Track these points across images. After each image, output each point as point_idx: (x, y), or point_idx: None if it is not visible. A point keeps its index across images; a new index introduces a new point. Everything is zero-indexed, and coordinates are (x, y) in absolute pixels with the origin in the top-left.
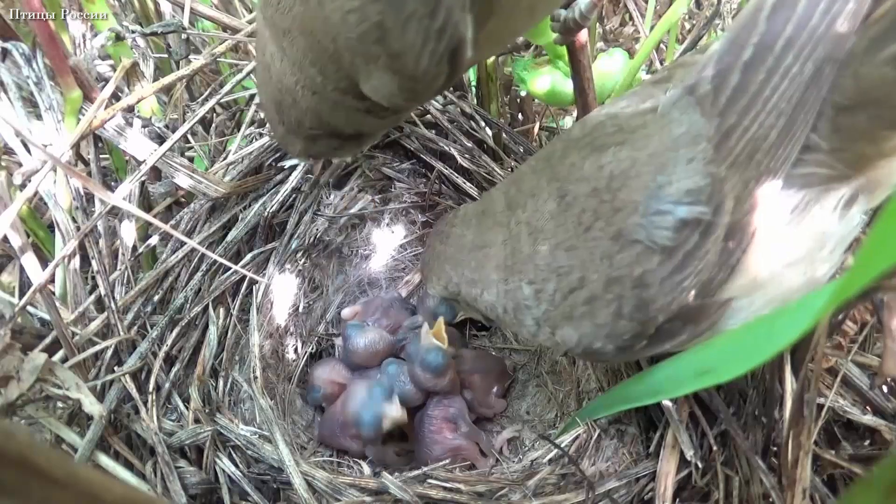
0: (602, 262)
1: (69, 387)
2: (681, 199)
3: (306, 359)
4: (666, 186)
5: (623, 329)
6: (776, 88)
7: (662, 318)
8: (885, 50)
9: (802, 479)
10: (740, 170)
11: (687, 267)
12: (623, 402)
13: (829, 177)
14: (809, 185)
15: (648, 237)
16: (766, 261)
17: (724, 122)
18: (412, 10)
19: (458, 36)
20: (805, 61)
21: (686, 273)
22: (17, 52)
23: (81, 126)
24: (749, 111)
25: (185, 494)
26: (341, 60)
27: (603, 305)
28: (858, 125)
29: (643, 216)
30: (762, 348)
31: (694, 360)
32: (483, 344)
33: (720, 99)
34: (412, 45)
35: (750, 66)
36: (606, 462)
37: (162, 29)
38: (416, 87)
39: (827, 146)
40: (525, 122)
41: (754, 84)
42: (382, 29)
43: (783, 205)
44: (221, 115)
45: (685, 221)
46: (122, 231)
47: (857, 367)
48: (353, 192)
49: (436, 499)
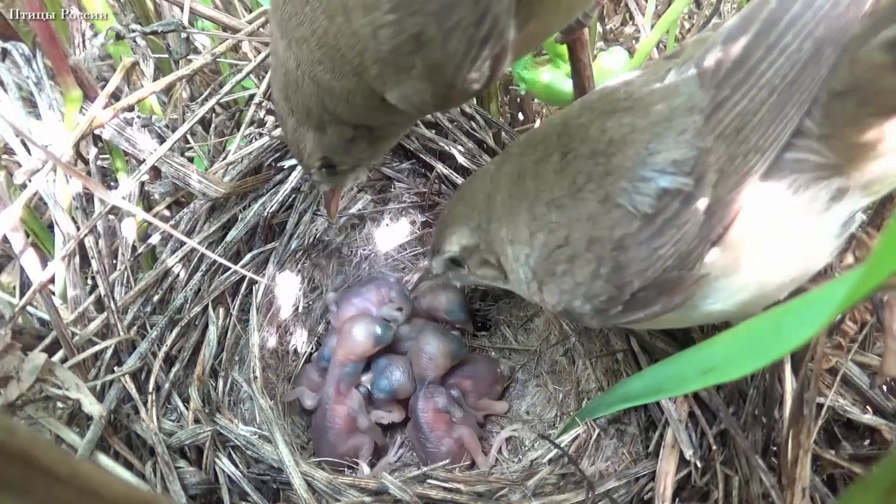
0: (587, 222)
1: (69, 387)
2: (665, 169)
3: (306, 359)
4: (655, 155)
5: (599, 290)
6: (772, 64)
7: (638, 283)
8: (879, 34)
9: (802, 479)
10: (726, 142)
11: (665, 234)
12: (623, 401)
13: (819, 164)
14: (800, 171)
15: (631, 202)
16: (749, 243)
17: (718, 93)
18: (458, 20)
19: (501, 42)
20: (804, 39)
21: (663, 240)
22: (17, 51)
23: (81, 126)
24: (742, 85)
25: (184, 494)
26: (365, 73)
27: (583, 264)
28: (847, 111)
29: (629, 181)
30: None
31: (697, 359)
32: (483, 344)
33: (720, 72)
34: (453, 54)
35: (753, 41)
36: (606, 462)
37: (162, 28)
38: (450, 94)
39: (818, 131)
40: (525, 121)
41: (753, 59)
42: (421, 40)
43: (772, 188)
44: (221, 115)
45: (666, 190)
46: (122, 231)
47: (857, 367)
48: (353, 192)
49: (436, 499)
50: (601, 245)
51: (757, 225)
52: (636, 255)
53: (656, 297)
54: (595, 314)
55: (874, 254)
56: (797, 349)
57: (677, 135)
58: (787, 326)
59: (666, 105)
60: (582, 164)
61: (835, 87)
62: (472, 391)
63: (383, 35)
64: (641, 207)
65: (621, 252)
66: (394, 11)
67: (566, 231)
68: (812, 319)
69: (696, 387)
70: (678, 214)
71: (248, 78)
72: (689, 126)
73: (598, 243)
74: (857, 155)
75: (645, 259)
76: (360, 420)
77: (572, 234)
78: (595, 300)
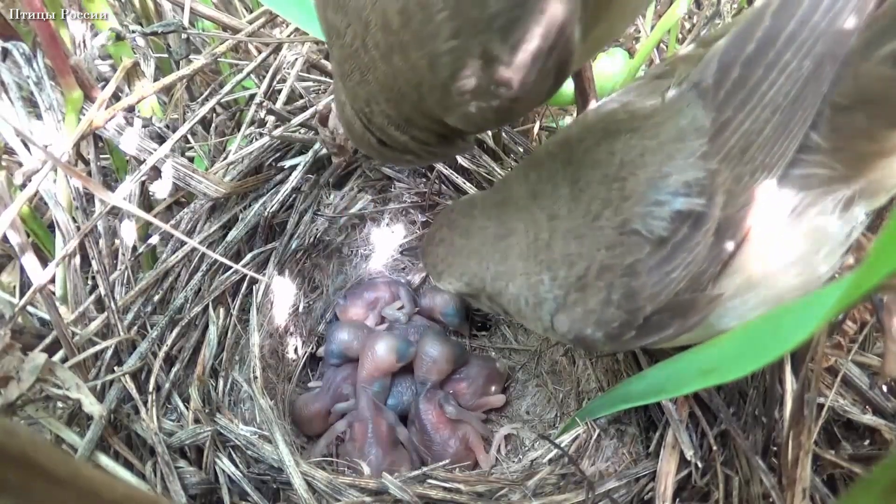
0: (605, 251)
1: (69, 387)
2: (678, 191)
3: (306, 359)
4: (668, 177)
5: (612, 317)
6: (773, 83)
7: (651, 308)
8: (883, 48)
9: (802, 479)
10: (732, 164)
11: (676, 258)
12: (623, 401)
13: (828, 178)
14: (809, 187)
15: (646, 227)
16: (761, 260)
17: (720, 115)
18: (522, 33)
19: (568, 49)
20: (804, 57)
21: (675, 264)
22: (18, 51)
23: (82, 126)
24: (745, 105)
25: (185, 494)
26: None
27: (594, 292)
28: (857, 124)
29: (644, 206)
30: (768, 348)
31: (697, 359)
32: (483, 344)
33: (720, 93)
34: (520, 67)
35: (751, 60)
36: (606, 462)
37: (162, 29)
38: (515, 107)
39: (826, 145)
40: (525, 121)
41: (753, 79)
42: (485, 58)
43: (781, 205)
44: (221, 115)
45: (681, 213)
46: (122, 231)
47: (857, 367)
48: (353, 192)
49: (436, 499)
50: (612, 272)
51: (768, 241)
52: (648, 281)
53: (670, 320)
54: (608, 340)
55: (871, 255)
56: (797, 349)
57: (686, 157)
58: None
59: (672, 126)
60: (595, 190)
61: (838, 101)
62: (471, 392)
63: (443, 63)
64: (657, 231)
65: (632, 278)
66: (455, 37)
67: (587, 262)
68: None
69: (697, 387)
70: (688, 237)
71: (249, 78)
72: (697, 148)
73: (609, 270)
74: (868, 165)
75: (657, 283)
76: (400, 432)
77: (592, 264)
78: (607, 327)
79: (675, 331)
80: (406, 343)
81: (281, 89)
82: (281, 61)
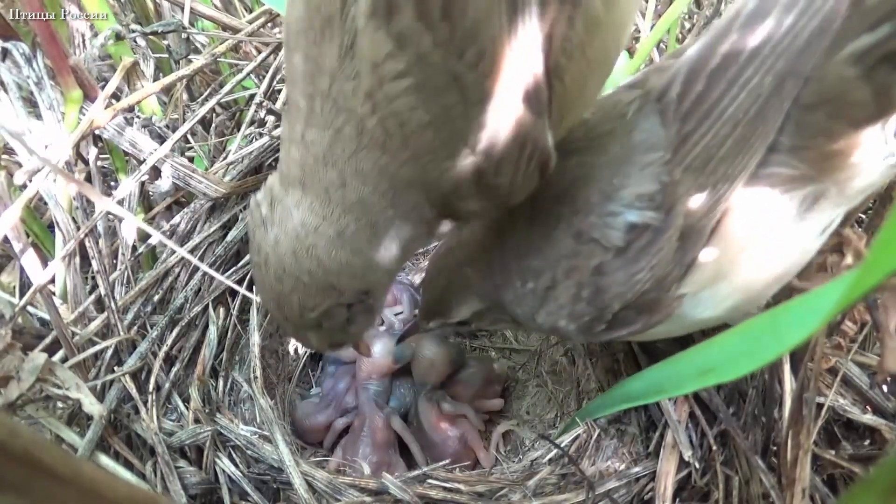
0: (566, 259)
1: (69, 387)
2: (632, 203)
3: (306, 359)
4: (621, 190)
5: (582, 311)
6: (734, 99)
7: (618, 305)
8: (844, 49)
9: (802, 479)
10: (695, 174)
11: (640, 261)
12: (623, 401)
13: (791, 177)
14: (772, 186)
15: (603, 237)
16: (729, 254)
17: (683, 126)
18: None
19: (546, 153)
20: (765, 74)
21: (640, 265)
22: (18, 51)
23: (82, 126)
24: (707, 118)
25: (185, 494)
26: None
27: (564, 289)
28: (818, 122)
29: (599, 217)
30: (767, 348)
31: (696, 359)
32: (483, 344)
33: (683, 105)
34: (505, 176)
35: (715, 74)
36: (606, 462)
37: (162, 29)
38: (508, 201)
39: (789, 143)
40: None
41: (715, 92)
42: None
43: (745, 205)
44: (221, 115)
45: (634, 225)
46: (122, 231)
47: (857, 367)
48: None
49: (436, 499)
50: (580, 272)
51: (735, 238)
52: (614, 280)
53: (636, 316)
54: (580, 332)
55: (869, 255)
56: (797, 349)
57: (640, 170)
58: (786, 326)
59: (626, 141)
60: (549, 206)
61: (805, 100)
62: (470, 394)
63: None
64: (613, 241)
65: (600, 277)
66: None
67: (551, 272)
68: (810, 319)
69: (696, 387)
70: (652, 243)
71: (249, 78)
72: (654, 161)
73: (577, 271)
74: (830, 165)
75: (623, 283)
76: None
77: (557, 273)
78: (579, 320)
79: (641, 325)
80: (403, 344)
81: (281, 89)
82: (281, 61)
